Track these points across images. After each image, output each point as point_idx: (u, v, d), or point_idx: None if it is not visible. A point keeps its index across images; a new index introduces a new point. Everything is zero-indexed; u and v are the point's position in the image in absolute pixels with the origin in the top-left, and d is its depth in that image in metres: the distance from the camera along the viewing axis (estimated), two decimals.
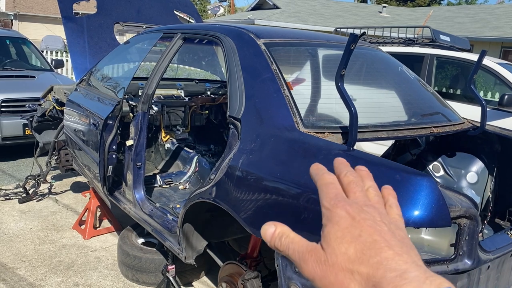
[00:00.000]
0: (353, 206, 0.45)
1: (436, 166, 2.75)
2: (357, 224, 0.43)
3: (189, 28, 3.03)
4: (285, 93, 1.99)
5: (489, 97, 6.30)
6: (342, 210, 0.45)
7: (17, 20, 25.35)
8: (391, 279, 0.39)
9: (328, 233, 0.44)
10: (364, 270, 0.41)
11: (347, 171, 0.50)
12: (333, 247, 0.43)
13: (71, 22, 4.18)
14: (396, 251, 0.41)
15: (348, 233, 0.43)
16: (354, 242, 0.42)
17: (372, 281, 0.40)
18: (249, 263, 2.27)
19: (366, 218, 0.44)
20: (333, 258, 0.43)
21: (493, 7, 20.40)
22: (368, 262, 0.41)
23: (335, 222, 0.44)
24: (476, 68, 2.56)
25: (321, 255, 0.44)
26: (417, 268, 0.40)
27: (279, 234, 0.48)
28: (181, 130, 4.02)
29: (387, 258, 0.41)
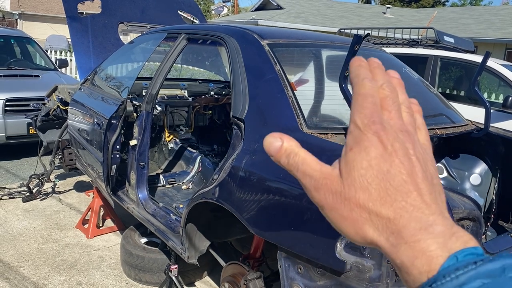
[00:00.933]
0: (388, 132, 0.38)
1: (439, 168, 2.75)
2: (388, 156, 0.37)
3: (193, 29, 3.04)
4: (289, 94, 1.99)
5: (493, 99, 6.29)
6: (375, 135, 0.37)
7: (21, 20, 25.46)
8: (414, 230, 0.35)
9: (352, 160, 0.38)
10: (384, 213, 0.36)
11: (383, 82, 0.41)
12: (354, 177, 0.37)
13: (76, 21, 4.20)
14: (425, 198, 0.37)
15: (376, 165, 0.37)
16: (379, 178, 0.37)
17: (392, 228, 0.36)
18: (252, 263, 2.28)
19: (399, 148, 0.38)
20: (352, 191, 0.37)
21: (497, 8, 20.34)
22: (391, 205, 0.36)
23: (363, 148, 0.37)
24: (480, 70, 2.56)
25: (337, 184, 0.38)
26: (443, 221, 0.36)
27: (287, 150, 0.41)
28: (185, 130, 4.03)
29: (413, 204, 0.36)
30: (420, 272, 0.34)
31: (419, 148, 0.40)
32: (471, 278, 0.31)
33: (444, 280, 0.32)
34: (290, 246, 1.66)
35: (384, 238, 0.36)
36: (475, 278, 0.31)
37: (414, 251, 0.34)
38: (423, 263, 0.34)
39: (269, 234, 1.80)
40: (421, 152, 0.39)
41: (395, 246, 0.35)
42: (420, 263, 0.34)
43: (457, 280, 0.32)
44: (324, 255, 1.51)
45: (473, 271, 0.32)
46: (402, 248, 0.35)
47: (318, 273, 1.58)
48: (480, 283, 0.31)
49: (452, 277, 0.32)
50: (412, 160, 0.38)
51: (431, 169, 0.40)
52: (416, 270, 0.34)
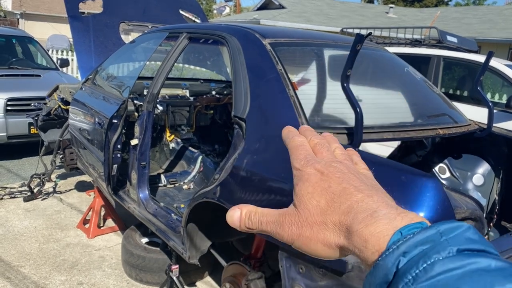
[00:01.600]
0: (321, 163, 0.46)
1: (442, 168, 2.73)
2: (325, 177, 0.44)
3: (194, 28, 3.03)
4: (290, 93, 1.98)
5: (497, 99, 6.26)
6: (311, 168, 0.45)
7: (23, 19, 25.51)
8: (362, 219, 0.39)
9: (299, 190, 0.45)
10: (336, 217, 0.41)
11: (312, 136, 0.51)
12: (305, 202, 0.44)
13: (77, 21, 4.19)
14: (366, 193, 0.42)
15: (318, 186, 0.44)
16: (324, 194, 0.43)
17: (346, 225, 0.40)
18: (253, 263, 2.27)
19: (334, 171, 0.45)
20: (306, 213, 0.43)
21: (501, 8, 20.29)
22: (339, 208, 0.42)
23: (305, 180, 0.45)
24: (483, 70, 2.54)
25: (294, 214, 0.44)
26: (387, 207, 0.40)
27: (247, 213, 0.47)
28: (186, 130, 4.02)
29: (357, 201, 0.41)
30: (372, 252, 0.37)
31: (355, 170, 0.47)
32: (410, 246, 0.35)
33: (388, 252, 0.36)
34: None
35: (343, 237, 0.41)
36: (414, 245, 0.35)
37: (365, 235, 0.38)
38: (373, 243, 0.38)
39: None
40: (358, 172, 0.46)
41: (349, 238, 0.40)
42: (371, 244, 0.38)
43: (398, 250, 0.35)
44: None
45: (411, 240, 0.35)
46: (355, 237, 0.39)
47: (320, 273, 1.57)
48: (419, 250, 0.34)
49: (394, 248, 0.36)
50: (348, 175, 0.44)
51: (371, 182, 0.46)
52: (369, 252, 0.38)
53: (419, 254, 0.34)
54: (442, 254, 0.33)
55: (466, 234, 0.35)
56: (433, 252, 0.34)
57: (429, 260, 0.33)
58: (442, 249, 0.34)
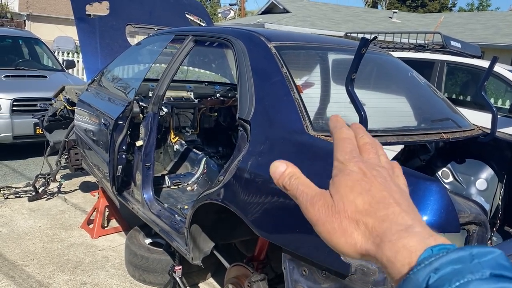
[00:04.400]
0: (366, 164, 0.45)
1: (445, 172, 2.74)
2: (368, 179, 0.44)
3: (200, 31, 3.05)
4: (295, 96, 2.00)
5: (500, 104, 6.26)
6: (355, 166, 0.45)
7: (29, 21, 25.66)
8: (396, 231, 0.40)
9: (338, 181, 0.45)
10: (370, 221, 0.41)
11: (363, 134, 0.50)
12: (342, 194, 0.43)
13: (84, 23, 4.23)
14: (403, 208, 0.42)
15: (359, 185, 0.43)
16: (363, 194, 0.43)
17: (377, 232, 0.41)
18: (256, 265, 2.28)
19: (377, 175, 0.44)
20: (340, 205, 0.43)
21: (505, 14, 20.26)
22: (375, 214, 0.41)
23: (347, 174, 0.45)
24: (487, 75, 2.55)
25: (329, 200, 0.44)
26: (422, 226, 0.40)
27: (289, 173, 0.48)
28: (190, 132, 4.04)
29: (394, 212, 0.41)
30: (403, 264, 0.38)
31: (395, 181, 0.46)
32: (443, 263, 0.35)
33: (420, 266, 0.36)
34: (295, 249, 1.66)
35: (370, 241, 0.41)
36: (447, 264, 0.35)
37: (397, 247, 0.39)
38: (404, 256, 0.38)
39: (274, 236, 1.80)
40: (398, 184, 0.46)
41: (380, 246, 0.40)
42: (402, 256, 0.38)
43: (430, 266, 0.35)
44: (329, 257, 1.50)
45: (444, 258, 0.35)
46: (386, 246, 0.39)
47: (323, 275, 1.58)
48: (451, 268, 0.34)
49: (426, 263, 0.36)
50: (390, 184, 0.44)
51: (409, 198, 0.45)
52: (399, 263, 0.38)
53: (451, 273, 0.34)
54: (475, 275, 0.33)
55: (499, 260, 0.35)
56: (467, 272, 0.34)
57: (463, 279, 0.33)
58: (475, 271, 0.34)
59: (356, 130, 0.51)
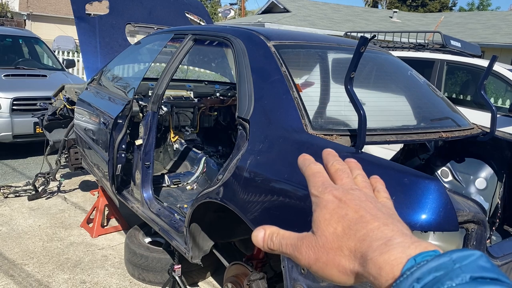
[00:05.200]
0: (339, 190, 0.47)
1: (444, 171, 2.74)
2: (343, 204, 0.45)
3: (200, 30, 3.05)
4: (294, 95, 2.00)
5: (500, 104, 6.25)
6: (329, 195, 0.47)
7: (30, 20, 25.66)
8: (376, 247, 0.40)
9: (317, 217, 0.46)
10: (351, 244, 0.43)
11: (334, 161, 0.52)
12: (322, 229, 0.45)
13: (84, 22, 4.23)
14: (382, 222, 0.43)
15: (336, 214, 0.45)
16: (341, 221, 0.44)
17: (360, 252, 0.41)
18: (255, 264, 2.28)
19: (352, 198, 0.46)
20: (323, 239, 0.45)
21: (505, 13, 20.24)
22: (355, 236, 0.43)
23: (323, 206, 0.46)
24: (486, 74, 2.55)
25: (312, 240, 0.46)
26: (402, 235, 0.41)
27: (269, 235, 0.49)
28: (190, 131, 4.04)
29: (372, 229, 0.42)
30: (387, 279, 0.38)
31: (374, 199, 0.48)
32: (424, 272, 0.35)
33: (402, 278, 0.36)
34: None
35: (357, 263, 0.42)
36: (428, 272, 0.35)
37: (379, 263, 0.39)
38: (387, 271, 0.38)
39: None
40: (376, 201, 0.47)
41: (365, 266, 0.40)
42: (385, 272, 0.38)
43: (412, 276, 0.36)
44: None
45: (425, 267, 0.36)
46: (369, 265, 0.40)
47: None
48: (432, 276, 0.35)
49: (408, 274, 0.36)
50: (366, 203, 0.45)
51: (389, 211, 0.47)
52: (383, 279, 0.38)
53: (432, 281, 0.35)
54: (455, 281, 0.34)
55: (479, 262, 0.35)
56: (447, 279, 0.34)
57: (442, 287, 0.34)
58: (455, 276, 0.34)
59: (327, 158, 0.52)
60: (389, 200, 0.50)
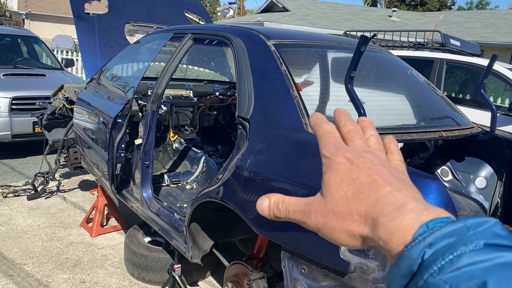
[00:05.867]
0: (352, 152, 0.45)
1: (444, 171, 2.74)
2: (355, 167, 0.44)
3: (199, 29, 3.05)
4: (294, 94, 1.99)
5: (499, 103, 6.26)
6: (341, 157, 0.45)
7: (28, 20, 25.62)
8: (388, 212, 0.39)
9: (327, 180, 0.45)
10: (362, 209, 0.41)
11: (346, 121, 0.50)
12: (332, 192, 0.44)
13: (83, 21, 4.22)
14: (395, 187, 0.42)
15: (347, 177, 0.43)
16: (352, 184, 0.43)
17: (371, 217, 0.41)
18: (255, 263, 2.27)
19: (365, 161, 0.44)
20: (333, 203, 0.43)
21: (504, 12, 20.26)
22: (366, 200, 0.42)
23: (334, 169, 0.45)
24: (486, 73, 2.55)
25: (320, 203, 0.44)
26: (415, 201, 0.40)
27: (275, 202, 0.48)
28: (189, 130, 4.04)
29: (385, 194, 0.41)
30: (398, 244, 0.38)
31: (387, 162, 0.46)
32: (437, 238, 0.35)
33: (414, 243, 0.36)
34: (294, 247, 1.66)
35: (367, 228, 0.41)
36: (441, 238, 0.35)
37: (390, 228, 0.38)
38: (399, 236, 0.38)
39: (273, 234, 1.79)
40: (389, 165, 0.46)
41: (376, 230, 0.40)
42: (396, 237, 0.38)
43: (424, 242, 0.35)
44: (328, 255, 1.50)
45: (438, 232, 0.35)
46: (380, 229, 0.39)
47: (322, 273, 1.58)
48: (446, 242, 0.34)
49: (420, 239, 0.36)
50: (379, 167, 0.44)
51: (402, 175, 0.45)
52: (394, 244, 0.38)
53: (445, 246, 0.34)
54: (469, 247, 0.33)
55: (494, 229, 0.35)
56: (460, 245, 0.34)
57: (456, 252, 0.33)
58: (469, 242, 0.34)
59: (339, 117, 0.50)
60: (402, 163, 0.49)
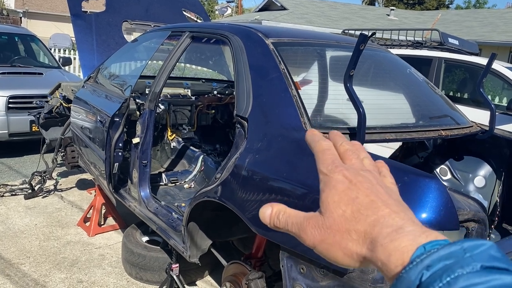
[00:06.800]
0: (350, 170, 0.46)
1: (443, 170, 2.73)
2: (354, 186, 0.44)
3: (197, 27, 3.03)
4: (293, 93, 1.98)
5: (497, 102, 6.26)
6: (339, 175, 0.45)
7: (26, 18, 25.54)
8: (387, 234, 0.40)
9: (325, 198, 0.45)
10: (361, 228, 0.42)
11: (342, 141, 0.51)
12: (331, 210, 0.44)
13: (80, 19, 4.20)
14: (393, 209, 0.42)
15: (345, 196, 0.44)
16: (351, 204, 0.43)
17: (369, 238, 0.41)
18: (254, 263, 2.27)
19: (363, 181, 0.45)
20: (331, 220, 0.44)
21: (502, 11, 20.29)
22: (365, 221, 0.42)
23: (332, 187, 0.45)
24: (485, 71, 2.54)
25: (318, 220, 0.45)
26: (413, 224, 0.41)
27: (276, 212, 0.49)
28: (187, 129, 4.02)
29: (383, 215, 0.42)
30: (396, 265, 0.38)
31: (383, 182, 0.47)
32: (434, 260, 0.35)
33: (412, 265, 0.36)
34: (293, 246, 1.65)
35: (365, 248, 0.41)
36: (438, 260, 0.35)
37: (389, 249, 0.39)
38: (397, 258, 0.38)
39: (271, 234, 1.78)
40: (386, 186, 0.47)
41: (373, 251, 0.40)
42: (395, 258, 0.38)
43: (422, 264, 0.36)
44: None
45: (435, 254, 0.36)
46: (379, 250, 0.40)
47: (321, 273, 1.57)
48: (442, 264, 0.35)
49: (417, 261, 0.36)
50: (376, 187, 0.45)
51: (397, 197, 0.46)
52: (392, 265, 0.38)
53: (442, 268, 0.34)
54: (466, 269, 0.34)
55: (490, 251, 0.35)
56: (457, 267, 0.34)
57: (453, 274, 0.34)
58: (466, 265, 0.34)
59: (335, 138, 0.51)
60: (394, 185, 0.49)
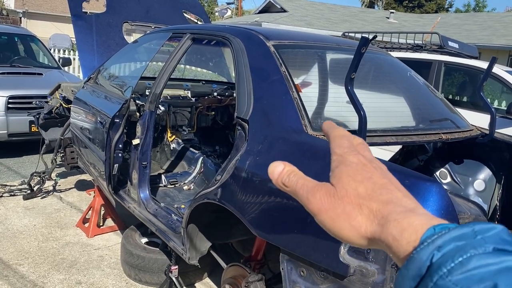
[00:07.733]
0: (365, 157, 0.47)
1: (443, 173, 2.73)
2: (368, 169, 0.45)
3: (198, 29, 3.03)
4: (294, 95, 1.98)
5: (496, 105, 6.27)
6: (355, 158, 0.46)
7: (25, 18, 25.53)
8: (401, 211, 0.41)
9: (339, 171, 0.46)
10: (374, 205, 0.42)
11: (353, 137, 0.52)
12: (344, 182, 0.44)
13: (80, 20, 4.20)
14: (405, 194, 0.43)
15: (359, 174, 0.45)
16: (365, 181, 0.44)
17: (381, 214, 0.42)
18: (253, 265, 2.26)
19: (377, 166, 0.46)
20: (343, 192, 0.44)
21: (501, 15, 20.34)
22: (378, 198, 0.43)
23: (348, 164, 0.46)
24: (486, 75, 2.55)
25: (331, 190, 0.45)
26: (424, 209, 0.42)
27: (288, 171, 0.49)
28: (187, 131, 4.02)
29: (397, 197, 0.42)
30: (408, 241, 0.38)
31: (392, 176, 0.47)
32: (445, 241, 0.36)
33: (423, 245, 0.36)
34: (293, 249, 1.64)
35: (375, 223, 0.41)
36: (450, 241, 0.35)
37: (402, 225, 0.39)
38: (410, 233, 0.38)
39: (272, 236, 1.78)
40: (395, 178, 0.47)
41: (385, 226, 0.40)
42: (408, 233, 0.38)
43: (433, 244, 0.36)
44: (327, 258, 1.49)
45: (447, 235, 0.36)
46: (391, 225, 0.40)
47: (321, 276, 1.56)
48: (453, 245, 0.35)
49: (428, 242, 0.36)
50: (390, 174, 0.46)
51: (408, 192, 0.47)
52: (404, 241, 0.38)
53: (454, 249, 0.35)
54: (479, 250, 0.34)
55: (502, 235, 0.35)
56: (469, 248, 0.34)
57: (466, 254, 0.34)
58: (478, 246, 0.34)
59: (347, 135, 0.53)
60: None
